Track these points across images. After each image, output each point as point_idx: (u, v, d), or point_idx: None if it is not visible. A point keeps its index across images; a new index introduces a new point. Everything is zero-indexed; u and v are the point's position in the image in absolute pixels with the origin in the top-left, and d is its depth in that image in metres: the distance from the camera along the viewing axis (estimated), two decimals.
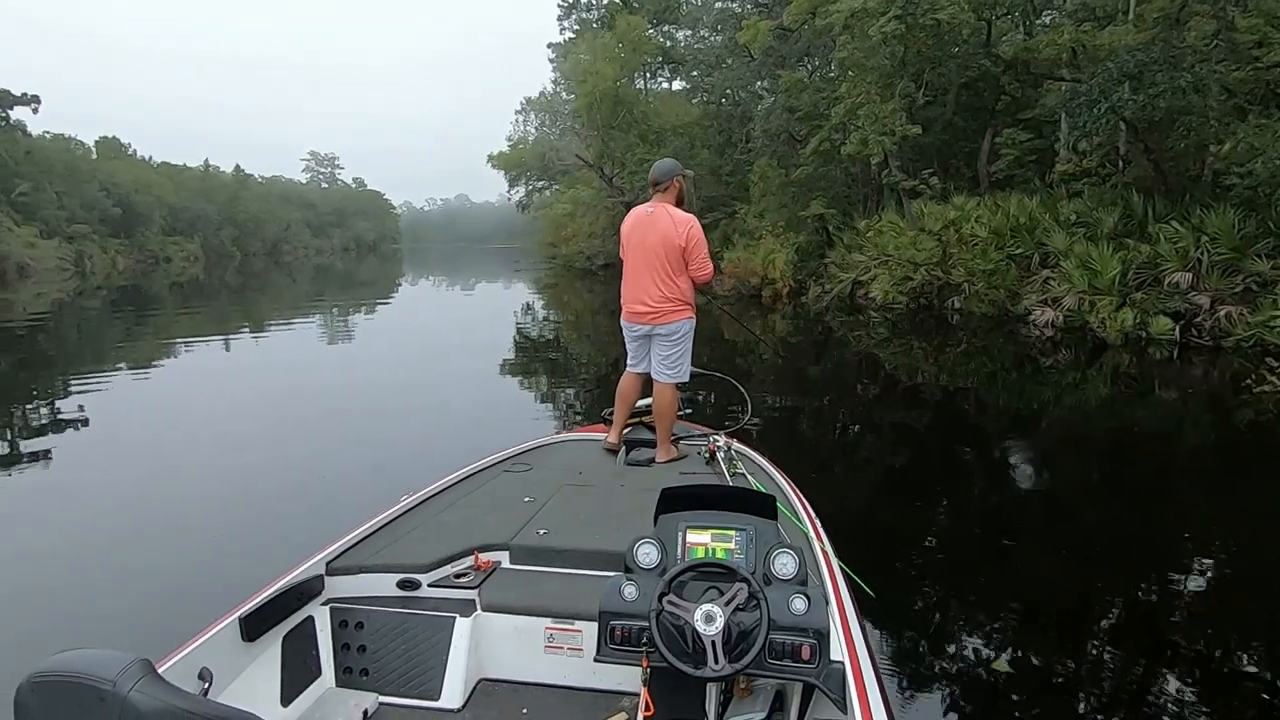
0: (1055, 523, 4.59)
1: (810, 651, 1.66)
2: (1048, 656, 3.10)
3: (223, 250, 64.33)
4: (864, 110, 13.56)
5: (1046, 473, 5.75)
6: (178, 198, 59.47)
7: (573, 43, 28.17)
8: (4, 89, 40.25)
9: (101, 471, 5.81)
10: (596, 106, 22.08)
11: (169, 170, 64.64)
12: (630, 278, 3.56)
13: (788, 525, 2.44)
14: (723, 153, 22.15)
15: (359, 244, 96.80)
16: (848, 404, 8.53)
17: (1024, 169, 14.82)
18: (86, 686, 1.00)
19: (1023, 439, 6.65)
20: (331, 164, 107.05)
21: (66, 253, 42.59)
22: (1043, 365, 9.58)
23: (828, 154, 16.00)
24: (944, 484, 5.50)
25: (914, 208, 14.72)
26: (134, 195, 52.85)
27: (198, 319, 19.49)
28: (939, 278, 13.19)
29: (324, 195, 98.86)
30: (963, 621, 3.42)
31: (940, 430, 7.16)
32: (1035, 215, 12.43)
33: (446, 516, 2.64)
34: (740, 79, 20.84)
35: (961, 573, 3.90)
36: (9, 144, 40.29)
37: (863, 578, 2.45)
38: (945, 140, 16.77)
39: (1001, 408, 7.92)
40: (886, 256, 14.24)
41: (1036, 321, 11.07)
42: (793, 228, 17.33)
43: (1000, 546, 4.31)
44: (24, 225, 40.10)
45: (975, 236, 12.92)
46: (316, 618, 2.17)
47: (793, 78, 17.11)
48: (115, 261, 47.42)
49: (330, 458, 6.02)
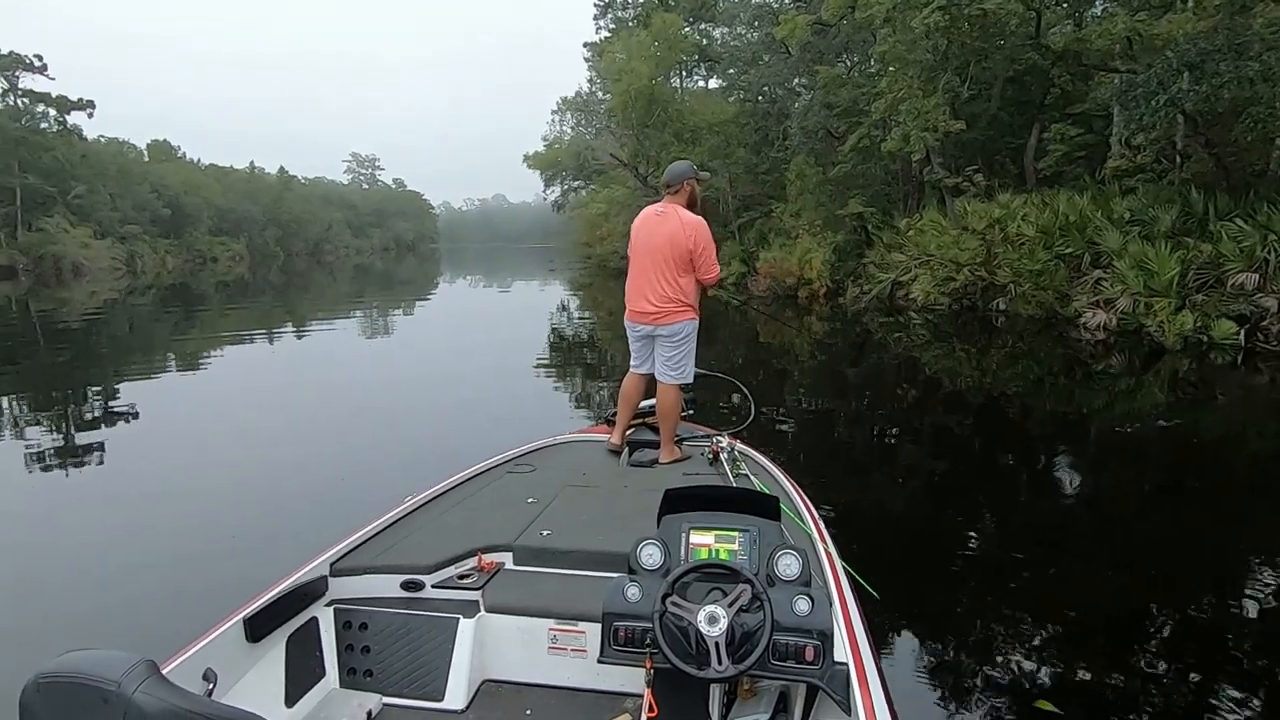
0: (1095, 532, 4.40)
1: (814, 653, 1.65)
2: (1064, 665, 3.02)
3: (267, 250, 65.88)
4: (905, 105, 13.19)
5: (1092, 481, 5.48)
6: (225, 199, 61.09)
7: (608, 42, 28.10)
8: (61, 94, 41.75)
9: (139, 464, 5.95)
10: (631, 105, 21.94)
11: (216, 172, 66.45)
12: (635, 277, 3.56)
13: (791, 526, 2.43)
14: (759, 151, 21.84)
15: (398, 244, 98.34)
16: (885, 407, 8.28)
17: (1073, 165, 14.30)
18: (91, 687, 1.01)
19: (1069, 446, 6.35)
20: (372, 165, 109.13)
21: (119, 252, 44.00)
22: (1093, 370, 9.16)
23: (867, 151, 15.64)
24: (979, 490, 5.32)
25: (957, 206, 14.28)
26: (183, 197, 54.42)
27: (243, 317, 20.05)
28: (983, 278, 12.75)
29: (365, 196, 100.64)
30: (968, 624, 3.38)
31: (979, 435, 6.90)
32: (1086, 213, 11.93)
33: (450, 517, 2.64)
34: (777, 75, 20.51)
35: (973, 577, 3.83)
36: (66, 148, 41.76)
37: (866, 579, 2.43)
38: (989, 136, 16.28)
39: (1048, 413, 7.57)
40: (928, 256, 13.84)
41: (1087, 324, 10.62)
42: (830, 227, 17.01)
43: (1030, 554, 4.14)
44: (79, 226, 41.55)
45: (1022, 235, 12.46)
46: (320, 619, 2.17)
47: (831, 73, 16.78)
48: (165, 261, 48.89)
49: (356, 456, 6.04)
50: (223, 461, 5.96)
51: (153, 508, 4.88)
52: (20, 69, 39.98)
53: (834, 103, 16.79)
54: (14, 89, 40.28)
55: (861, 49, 18.06)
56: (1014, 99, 16.42)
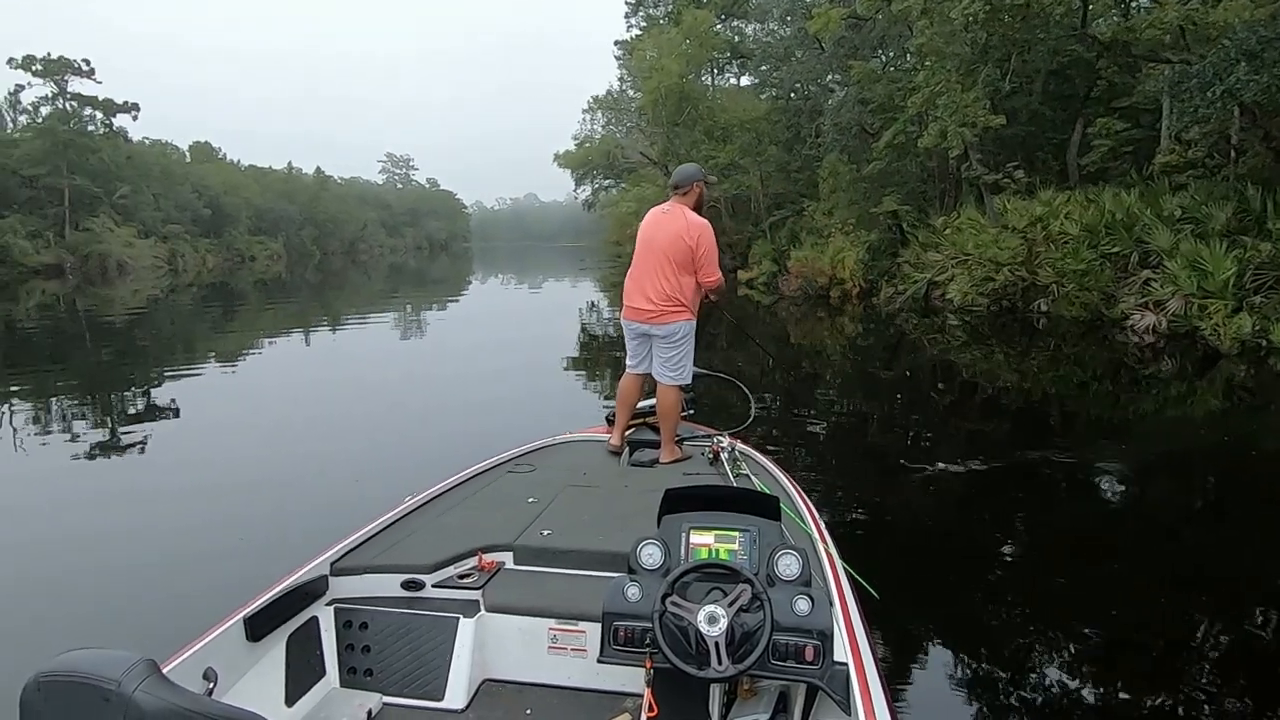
0: (1130, 541, 4.25)
1: (814, 653, 1.65)
2: (1070, 669, 2.98)
3: (303, 249, 67.08)
4: (943, 100, 12.79)
5: (1135, 490, 5.24)
6: (263, 199, 62.34)
7: (639, 39, 27.96)
8: (108, 98, 42.94)
9: (171, 458, 6.17)
10: (662, 103, 21.79)
11: (255, 173, 67.86)
12: (634, 274, 3.57)
13: (791, 526, 2.42)
14: (791, 148, 21.54)
15: (431, 243, 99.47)
16: (919, 409, 8.04)
17: (1118, 161, 13.77)
18: (91, 686, 1.01)
19: (1111, 453, 6.05)
20: (406, 165, 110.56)
21: (161, 251, 45.16)
22: (1141, 375, 8.77)
23: (902, 148, 15.28)
24: (1010, 494, 5.14)
25: (996, 204, 13.85)
26: (223, 197, 55.65)
27: (279, 315, 20.59)
28: (1024, 278, 12.31)
29: (399, 195, 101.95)
30: (968, 625, 3.35)
31: (1015, 439, 6.63)
32: (1134, 210, 11.45)
33: (450, 517, 2.63)
34: (810, 72, 20.18)
35: (987, 583, 3.78)
36: (112, 150, 42.91)
37: (868, 579, 2.44)
38: (1030, 131, 15.79)
39: (1090, 419, 7.26)
40: (966, 256, 13.44)
41: (1135, 327, 10.17)
42: (864, 225, 16.67)
43: (1053, 559, 4.05)
44: (123, 226, 42.71)
45: (1065, 234, 12.01)
46: (321, 618, 2.17)
47: (865, 68, 16.40)
48: (205, 260, 50.04)
49: (384, 452, 6.13)
50: (252, 457, 6.09)
51: (176, 502, 4.98)
52: (69, 73, 41.20)
53: (868, 98, 16.44)
54: (63, 93, 41.53)
55: (897, 43, 17.65)
56: (1056, 93, 15.91)
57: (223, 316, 20.27)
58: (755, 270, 20.47)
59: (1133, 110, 13.87)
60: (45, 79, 40.92)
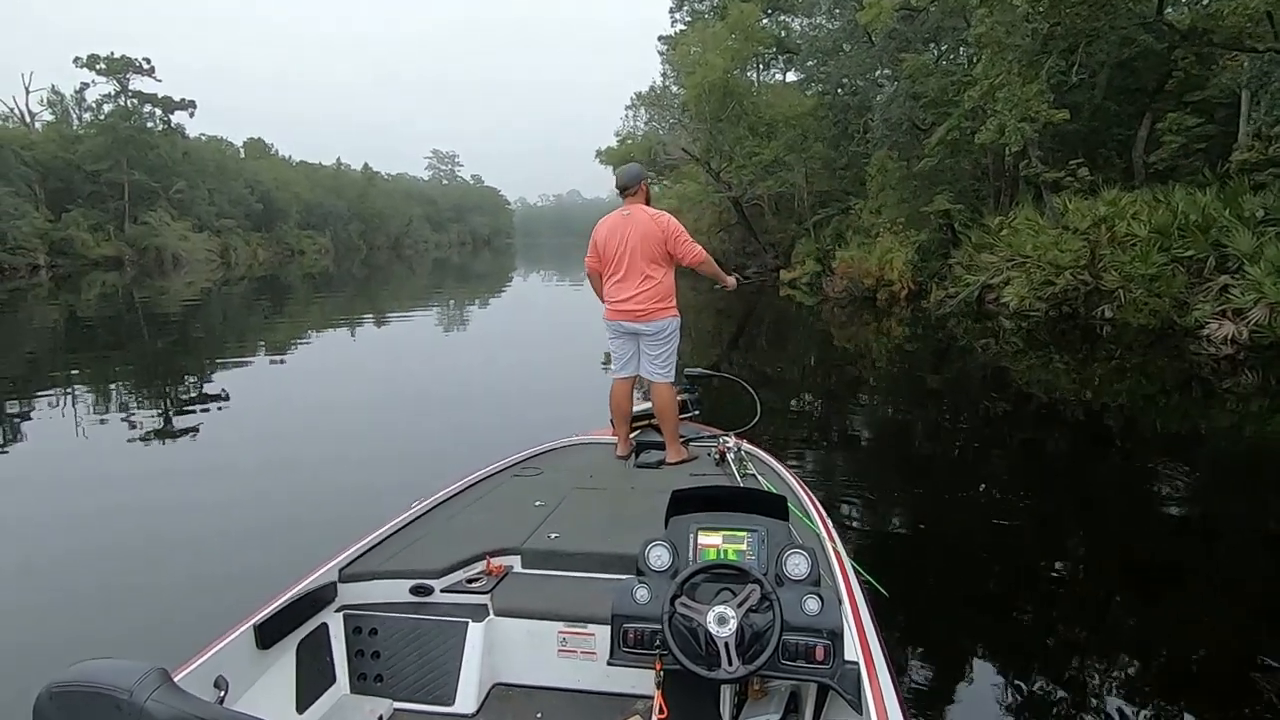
0: (1183, 558, 4.08)
1: (824, 652, 1.65)
2: (1080, 667, 2.97)
3: (350, 244, 68.42)
4: (1003, 93, 12.15)
5: (1200, 508, 4.91)
6: (312, 194, 63.71)
7: (683, 34, 27.59)
8: (166, 95, 44.28)
9: (219, 441, 6.61)
10: (705, 98, 21.38)
11: (306, 169, 69.42)
12: (613, 280, 3.60)
13: (799, 526, 2.41)
14: (837, 145, 20.97)
15: (474, 238, 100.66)
16: (968, 418, 7.70)
17: (1189, 159, 12.94)
18: (104, 696, 1.02)
19: (1178, 470, 5.66)
20: (452, 162, 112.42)
21: (214, 245, 46.51)
22: (1218, 388, 8.14)
23: (955, 144, 14.63)
24: (1053, 505, 4.94)
25: (1056, 203, 13.16)
26: (274, 192, 57.04)
27: (326, 307, 21.19)
28: (1086, 283, 11.62)
29: (444, 192, 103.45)
30: (980, 623, 3.33)
31: (1070, 452, 6.30)
32: (1210, 211, 10.70)
33: (458, 522, 2.64)
34: (859, 66, 19.56)
35: (1002, 585, 3.78)
36: (169, 146, 44.27)
37: (878, 578, 2.43)
38: (1092, 127, 15.01)
39: (1156, 434, 6.76)
40: (1023, 258, 12.79)
41: (1212, 336, 9.49)
42: (913, 225, 16.07)
43: (1095, 571, 3.95)
44: (179, 220, 44.05)
45: (1132, 236, 11.30)
46: (330, 625, 2.17)
47: (918, 61, 15.77)
48: (256, 253, 51.40)
49: (419, 446, 6.29)
50: (296, 442, 6.46)
51: (215, 481, 5.31)
52: (131, 71, 42.58)
53: (920, 93, 15.81)
54: (125, 90, 42.93)
55: (952, 35, 16.98)
56: (1121, 86, 15.08)
57: (273, 309, 21.03)
58: (798, 270, 20.02)
59: (1206, 104, 13.04)
60: (108, 77, 42.37)
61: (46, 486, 5.43)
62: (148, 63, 42.76)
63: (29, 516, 4.76)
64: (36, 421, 7.36)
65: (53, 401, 8.31)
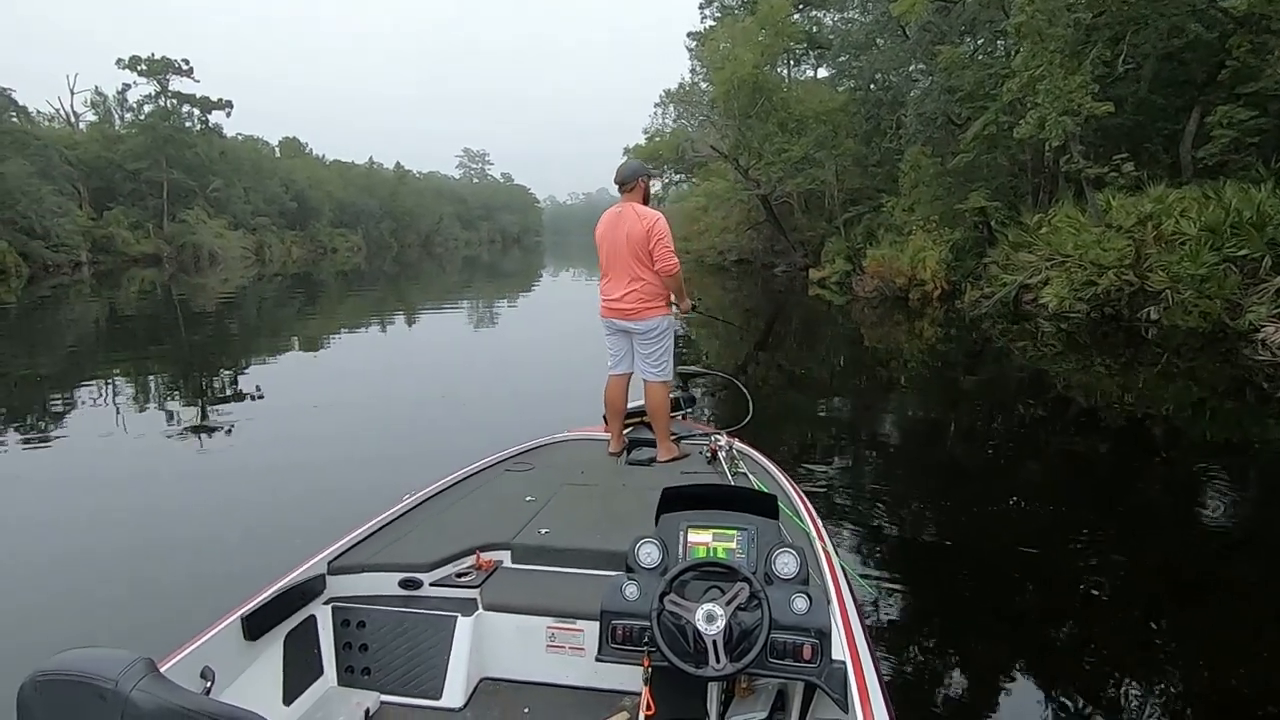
0: (1213, 565, 3.98)
1: (812, 651, 1.65)
2: (1068, 668, 2.97)
3: (382, 241, 69.17)
4: (1044, 85, 11.72)
5: (1250, 523, 4.68)
6: (345, 193, 64.48)
7: (712, 30, 27.30)
8: (204, 95, 45.12)
9: (250, 434, 6.83)
10: (734, 94, 21.10)
11: (339, 167, 70.31)
12: (605, 276, 3.65)
13: (789, 525, 2.41)
14: (869, 141, 20.56)
15: (504, 236, 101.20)
16: (1002, 421, 7.48)
17: (1241, 154, 12.35)
18: (89, 685, 1.01)
19: (1225, 476, 5.38)
20: (482, 160, 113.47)
21: (249, 243, 47.32)
22: (1274, 395, 7.73)
23: (992, 139, 14.19)
24: (1086, 511, 4.76)
25: (1098, 200, 12.68)
26: (308, 190, 57.83)
27: (358, 304, 21.76)
28: (1131, 283, 11.15)
29: (474, 190, 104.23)
30: (965, 623, 3.35)
31: (1108, 458, 6.09)
32: (1265, 209, 10.18)
33: (448, 516, 2.64)
34: (892, 60, 19.13)
35: (999, 588, 3.75)
36: (206, 145, 45.11)
37: (864, 578, 2.51)
38: (1137, 121, 14.43)
39: (1204, 442, 6.43)
40: (1063, 257, 12.34)
41: (1267, 340, 9.03)
42: (948, 223, 15.65)
43: (1114, 577, 3.86)
44: (215, 218, 44.89)
45: (1180, 234, 10.82)
46: (319, 617, 2.17)
47: (954, 53, 15.33)
48: (290, 251, 52.20)
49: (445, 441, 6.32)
50: (327, 436, 6.61)
51: (247, 476, 5.49)
52: (170, 72, 43.46)
53: (956, 86, 15.36)
54: (165, 91, 43.82)
55: (989, 27, 16.48)
56: (1168, 78, 14.48)
57: (306, 305, 21.60)
58: (828, 269, 19.72)
59: (1259, 96, 12.44)
60: (149, 78, 43.27)
61: (78, 480, 5.55)
62: (186, 64, 43.61)
63: (57, 508, 4.90)
64: (73, 416, 7.67)
65: (94, 395, 8.72)
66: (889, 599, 3.08)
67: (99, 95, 45.54)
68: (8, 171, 30.66)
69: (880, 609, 2.93)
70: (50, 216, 32.56)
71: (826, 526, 2.58)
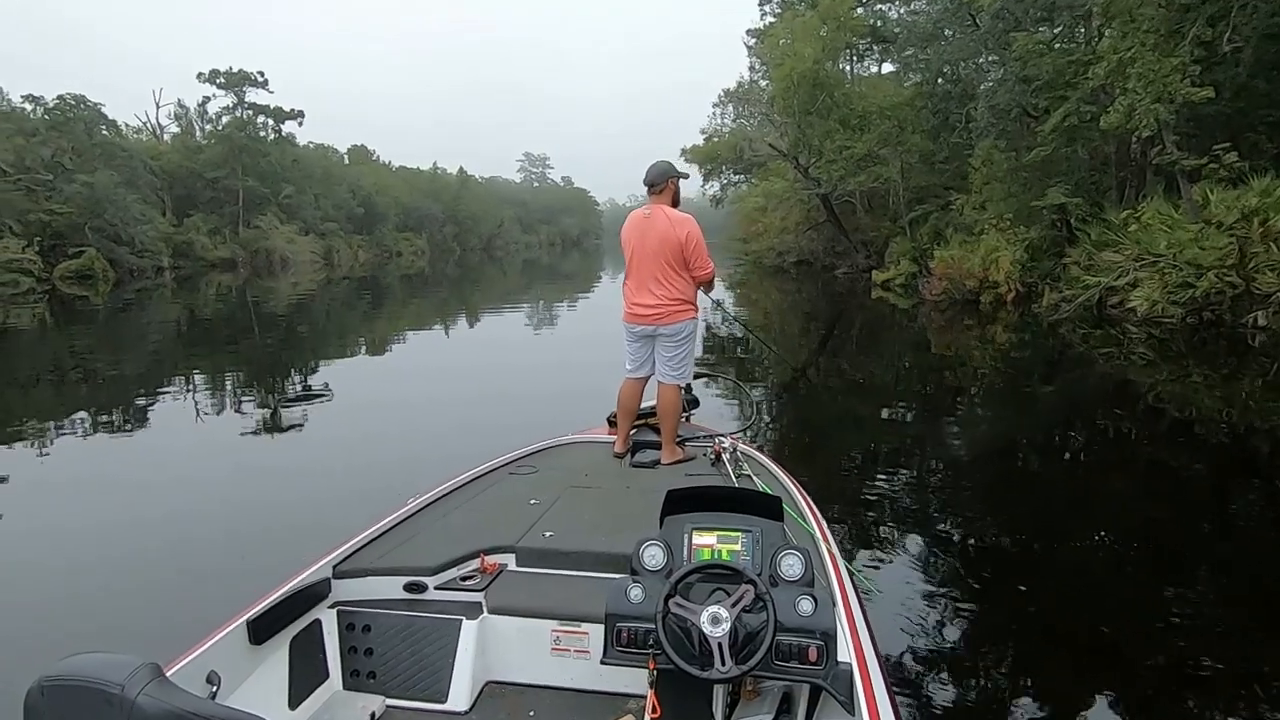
0: None
1: (817, 653, 1.64)
2: (1072, 669, 2.92)
3: (445, 245, 70.72)
4: (1135, 69, 10.81)
5: None
6: (410, 198, 66.19)
7: (772, 26, 26.71)
8: (278, 106, 46.90)
9: (321, 432, 7.14)
10: (793, 91, 20.50)
11: (404, 173, 72.31)
12: (632, 279, 3.59)
13: (794, 527, 2.39)
14: (937, 136, 19.62)
15: (563, 239, 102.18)
16: (1080, 433, 6.99)
17: None
18: (95, 690, 1.01)
19: None
20: (543, 164, 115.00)
21: (318, 247, 48.91)
22: None
23: (1073, 130, 13.24)
24: (1160, 524, 4.51)
25: (1195, 194, 11.66)
26: (375, 196, 59.53)
27: (421, 307, 22.49)
28: (1234, 285, 10.20)
29: (535, 194, 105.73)
30: (971, 624, 3.30)
31: (1208, 477, 5.61)
32: None
33: (452, 519, 2.64)
34: (962, 51, 18.18)
35: (1007, 591, 3.74)
36: (279, 154, 46.91)
37: (869, 580, 2.51)
38: (1236, 109, 13.24)
39: None
40: (1154, 256, 11.39)
41: None
42: (1023, 221, 14.75)
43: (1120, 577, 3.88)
44: (287, 224, 46.60)
45: None
46: (324, 621, 2.17)
47: (1030, 40, 14.40)
48: (357, 255, 53.79)
49: None
50: (394, 436, 6.79)
51: None
52: (247, 84, 45.37)
53: (1032, 76, 14.41)
54: (241, 102, 45.77)
55: (1069, 11, 15.45)
56: (1272, 62, 13.24)
57: (372, 308, 22.34)
58: (892, 271, 18.99)
59: None
60: (227, 90, 45.29)
61: (142, 481, 5.74)
62: (261, 75, 45.45)
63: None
64: (155, 413, 8.16)
65: (173, 394, 9.23)
66: (895, 602, 3.03)
67: (181, 108, 47.99)
68: (97, 181, 32.42)
69: (886, 611, 2.90)
70: (135, 224, 34.28)
71: (831, 528, 2.59)
